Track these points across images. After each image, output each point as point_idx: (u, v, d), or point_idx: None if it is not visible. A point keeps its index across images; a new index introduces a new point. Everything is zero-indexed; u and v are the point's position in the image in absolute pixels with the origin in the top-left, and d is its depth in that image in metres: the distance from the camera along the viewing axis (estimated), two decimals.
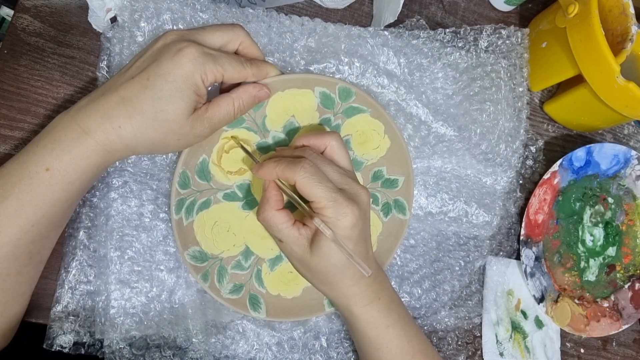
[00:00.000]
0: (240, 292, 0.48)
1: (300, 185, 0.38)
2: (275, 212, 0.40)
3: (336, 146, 0.42)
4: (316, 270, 0.41)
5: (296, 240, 0.40)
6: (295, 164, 0.39)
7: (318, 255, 0.40)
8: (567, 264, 0.62)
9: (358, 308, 0.43)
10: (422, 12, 0.61)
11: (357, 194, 0.40)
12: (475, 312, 0.57)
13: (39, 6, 0.48)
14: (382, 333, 0.44)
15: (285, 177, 0.39)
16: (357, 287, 0.42)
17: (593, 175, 0.63)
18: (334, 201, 0.38)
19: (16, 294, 0.39)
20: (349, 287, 0.42)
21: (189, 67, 0.36)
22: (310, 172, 0.38)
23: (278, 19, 0.50)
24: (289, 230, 0.40)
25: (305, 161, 0.39)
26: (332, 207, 0.38)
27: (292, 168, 0.39)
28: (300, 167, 0.38)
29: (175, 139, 0.39)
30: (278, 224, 0.40)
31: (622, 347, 0.64)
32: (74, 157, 0.36)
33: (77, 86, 0.48)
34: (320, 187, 0.38)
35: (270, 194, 0.41)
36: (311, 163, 0.39)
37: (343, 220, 0.38)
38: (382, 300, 0.44)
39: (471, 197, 0.56)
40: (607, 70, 0.51)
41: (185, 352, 0.46)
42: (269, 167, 0.40)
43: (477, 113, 0.56)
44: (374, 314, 0.43)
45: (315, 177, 0.38)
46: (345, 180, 0.40)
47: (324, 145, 0.42)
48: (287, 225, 0.40)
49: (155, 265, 0.46)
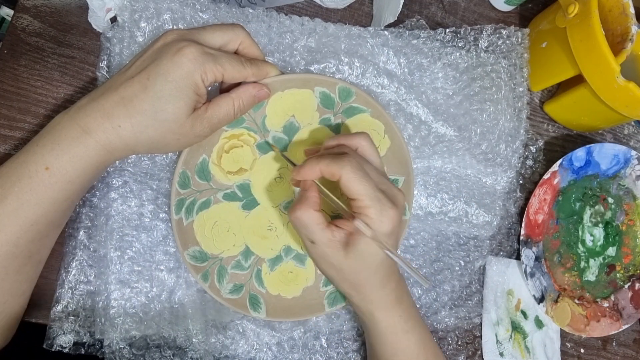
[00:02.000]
0: (240, 292, 0.47)
1: (345, 179, 0.38)
2: (313, 212, 0.39)
3: (367, 146, 0.42)
4: (348, 272, 0.41)
5: (329, 243, 0.39)
6: (341, 158, 0.38)
7: (354, 257, 0.39)
8: (567, 264, 0.62)
9: (380, 312, 0.43)
10: (422, 12, 0.61)
11: (396, 195, 0.40)
12: (475, 312, 0.57)
13: (39, 6, 0.48)
14: (401, 338, 0.44)
15: (330, 172, 0.38)
16: (383, 291, 0.42)
17: (593, 175, 0.63)
18: (378, 201, 0.38)
19: (15, 293, 0.39)
20: (376, 290, 0.42)
21: (189, 66, 0.36)
22: (356, 168, 0.38)
23: (278, 19, 0.50)
24: (323, 231, 0.39)
25: (350, 156, 0.39)
26: (375, 206, 0.38)
27: (338, 162, 0.38)
28: (347, 162, 0.38)
29: (175, 138, 0.39)
30: (314, 224, 0.39)
31: (622, 347, 0.64)
32: (74, 156, 0.36)
33: (77, 86, 0.48)
34: (364, 183, 0.38)
35: (311, 194, 0.40)
36: (356, 159, 0.39)
37: (385, 222, 0.38)
38: (403, 305, 0.44)
39: (471, 197, 0.56)
40: (607, 70, 0.51)
41: (185, 352, 0.46)
42: (311, 164, 0.39)
43: (477, 113, 0.56)
44: (396, 319, 0.43)
45: (360, 172, 0.38)
46: (383, 181, 0.40)
47: (355, 146, 0.42)
48: (321, 227, 0.39)
49: (155, 265, 0.46)
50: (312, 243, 0.40)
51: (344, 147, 0.41)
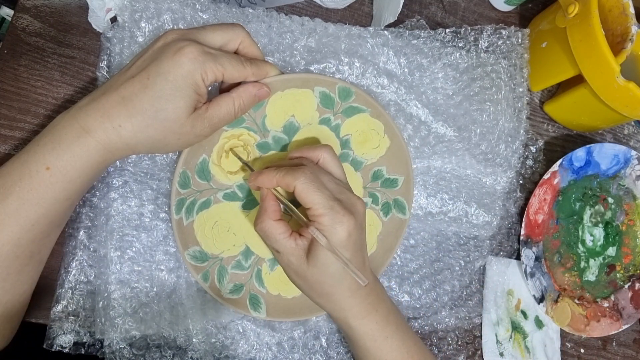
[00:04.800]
0: (241, 292, 0.47)
1: (299, 190, 0.39)
2: (273, 222, 0.41)
3: (329, 158, 0.43)
4: (313, 281, 0.41)
5: (293, 251, 0.40)
6: (296, 170, 0.39)
7: (315, 266, 0.40)
8: (567, 264, 0.62)
9: (356, 320, 0.43)
10: (422, 12, 0.61)
11: (353, 204, 0.41)
12: (476, 312, 0.57)
13: (39, 6, 0.48)
14: (381, 345, 0.44)
15: (285, 182, 0.39)
16: (354, 299, 0.42)
17: (593, 175, 0.63)
18: (331, 209, 0.39)
19: (16, 293, 0.39)
20: (345, 298, 0.42)
21: (189, 66, 0.36)
22: (310, 179, 0.39)
23: (278, 19, 0.50)
24: (286, 240, 0.40)
25: (306, 168, 0.40)
26: (328, 214, 0.38)
27: (292, 174, 0.39)
28: (301, 173, 0.39)
29: (176, 138, 0.39)
30: (276, 234, 0.40)
31: (622, 347, 0.64)
32: (74, 155, 0.36)
33: (77, 86, 0.48)
34: (318, 193, 0.39)
35: (269, 204, 0.41)
36: (311, 170, 0.40)
37: (339, 229, 0.39)
38: (379, 312, 0.44)
39: (471, 197, 0.56)
40: (607, 70, 0.51)
41: (185, 352, 0.46)
42: (269, 174, 0.41)
43: (477, 113, 0.56)
44: (372, 326, 0.43)
45: (314, 183, 0.39)
46: (341, 190, 0.41)
47: (317, 158, 0.43)
48: (284, 236, 0.40)
49: (155, 265, 0.46)
50: (278, 252, 0.41)
51: (304, 160, 0.42)
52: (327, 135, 0.49)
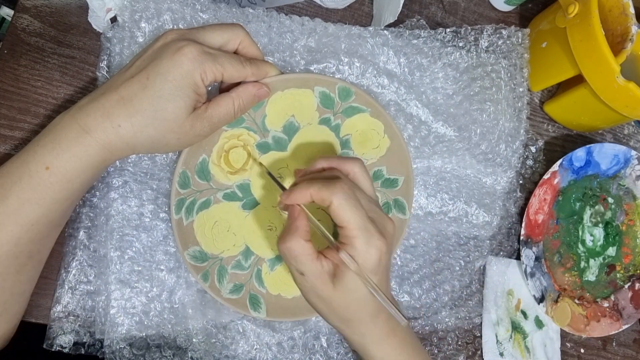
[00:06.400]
0: (241, 292, 0.47)
1: (336, 206, 0.36)
2: (304, 242, 0.37)
3: (360, 173, 0.40)
4: (337, 306, 0.39)
5: (319, 274, 0.37)
6: (332, 184, 0.36)
7: (341, 290, 0.37)
8: (567, 264, 0.62)
9: (373, 345, 0.41)
10: (422, 12, 0.61)
11: (385, 225, 0.38)
12: (476, 312, 0.57)
13: (39, 6, 0.48)
14: None
15: (320, 197, 0.37)
16: (373, 324, 0.40)
17: (593, 175, 0.63)
18: (367, 231, 0.36)
19: (16, 293, 0.39)
20: (366, 323, 0.40)
21: (188, 65, 0.36)
22: (349, 194, 0.36)
23: (278, 19, 0.50)
24: (312, 263, 0.37)
25: (342, 182, 0.37)
26: (363, 237, 0.36)
27: (329, 188, 0.36)
28: (340, 188, 0.36)
29: (175, 138, 0.39)
30: (304, 255, 0.37)
31: (622, 347, 0.64)
32: (74, 155, 0.36)
33: (77, 86, 0.48)
34: (355, 212, 0.36)
35: (301, 223, 0.38)
36: (349, 185, 0.37)
37: (372, 253, 0.36)
38: (397, 336, 0.42)
39: (471, 197, 0.56)
40: (607, 70, 0.51)
41: (185, 352, 0.46)
42: (302, 189, 0.38)
43: (477, 113, 0.56)
44: (390, 350, 0.42)
45: (352, 200, 0.36)
46: (374, 209, 0.38)
47: (347, 172, 0.40)
48: (311, 258, 0.37)
49: (155, 265, 0.46)
50: (302, 275, 0.38)
51: (335, 171, 0.40)
52: (327, 135, 0.49)
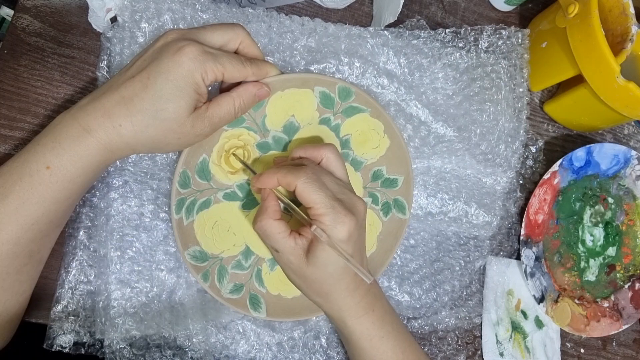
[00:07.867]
0: (241, 291, 0.47)
1: (300, 189, 0.39)
2: (273, 221, 0.41)
3: (332, 158, 0.43)
4: (312, 280, 0.41)
5: (292, 250, 0.40)
6: (297, 169, 0.40)
7: (314, 265, 0.40)
8: (567, 264, 0.62)
9: (352, 319, 0.43)
10: (422, 12, 0.61)
11: (355, 204, 0.41)
12: (476, 312, 0.57)
13: (39, 6, 0.48)
14: (377, 344, 0.44)
15: (286, 182, 0.40)
16: (352, 299, 0.42)
17: (593, 175, 0.63)
18: (332, 208, 0.39)
19: (16, 292, 0.39)
20: (343, 298, 0.42)
21: (189, 65, 0.36)
22: (312, 178, 0.39)
23: (278, 19, 0.50)
24: (285, 240, 0.40)
25: (307, 167, 0.40)
26: (330, 214, 0.39)
27: (294, 173, 0.39)
28: (303, 173, 0.39)
29: (176, 137, 0.39)
30: (275, 233, 0.40)
31: (622, 347, 0.64)
32: (75, 155, 0.36)
33: (77, 86, 0.48)
34: (319, 193, 0.39)
35: (269, 204, 0.41)
36: (313, 170, 0.40)
37: (340, 228, 0.39)
38: (376, 312, 0.44)
39: (471, 197, 0.56)
40: (607, 70, 0.51)
41: (185, 352, 0.46)
42: (269, 174, 0.41)
43: (477, 113, 0.56)
44: (368, 325, 0.43)
45: (315, 183, 0.39)
46: (342, 190, 0.41)
47: (320, 157, 0.43)
48: (283, 235, 0.40)
49: (155, 265, 0.46)
50: (277, 252, 0.41)
51: (305, 160, 0.42)
52: (327, 135, 0.49)
